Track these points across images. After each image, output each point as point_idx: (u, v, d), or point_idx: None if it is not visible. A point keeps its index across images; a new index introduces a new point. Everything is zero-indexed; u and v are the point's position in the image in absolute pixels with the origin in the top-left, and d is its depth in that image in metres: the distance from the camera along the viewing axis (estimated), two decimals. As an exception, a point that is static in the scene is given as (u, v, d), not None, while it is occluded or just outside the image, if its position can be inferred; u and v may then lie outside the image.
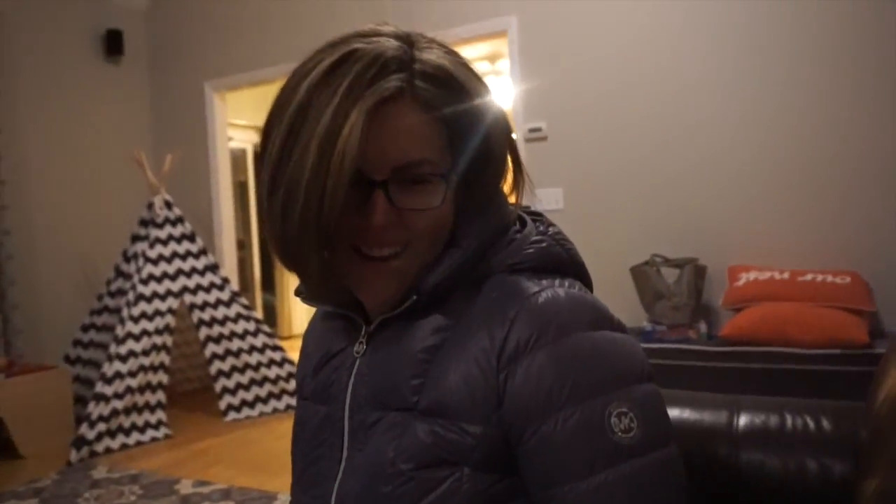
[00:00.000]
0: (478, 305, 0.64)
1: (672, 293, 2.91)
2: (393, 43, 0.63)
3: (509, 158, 0.70)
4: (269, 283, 6.93)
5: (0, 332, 3.90)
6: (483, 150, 0.67)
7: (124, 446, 3.41)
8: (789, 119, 3.00)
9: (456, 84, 0.64)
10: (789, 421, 1.14)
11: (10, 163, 4.07)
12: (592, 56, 3.39)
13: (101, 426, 3.34)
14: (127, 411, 3.48)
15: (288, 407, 3.94)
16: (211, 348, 3.83)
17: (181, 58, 4.83)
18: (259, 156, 0.67)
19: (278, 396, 3.96)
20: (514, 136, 0.70)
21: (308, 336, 0.82)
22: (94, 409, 3.34)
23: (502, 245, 0.67)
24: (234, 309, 3.92)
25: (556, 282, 0.65)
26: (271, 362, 3.95)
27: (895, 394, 0.97)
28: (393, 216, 0.62)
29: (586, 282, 0.70)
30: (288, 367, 3.99)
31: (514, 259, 0.66)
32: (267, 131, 0.65)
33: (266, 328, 4.01)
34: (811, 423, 1.13)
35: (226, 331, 3.86)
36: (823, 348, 2.44)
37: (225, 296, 3.91)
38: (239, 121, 6.28)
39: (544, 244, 0.68)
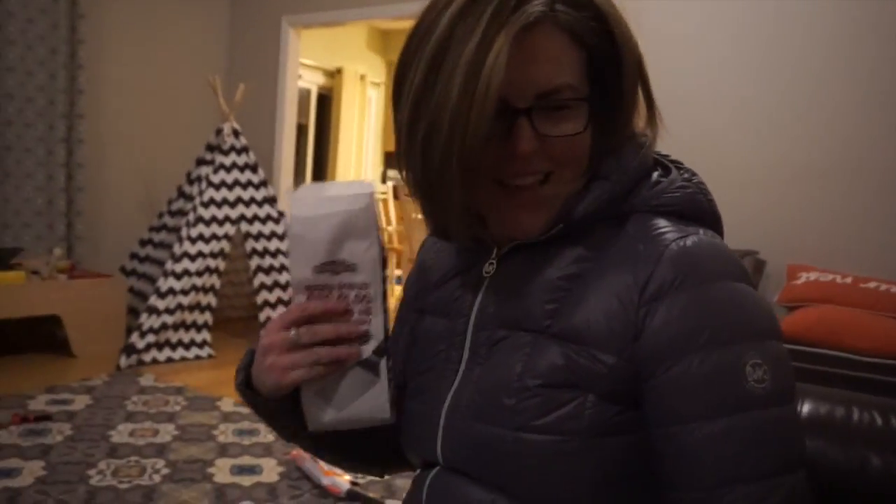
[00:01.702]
0: (621, 241, 0.65)
1: (728, 283, 2.88)
2: None
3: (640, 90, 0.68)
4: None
5: (64, 235, 4.05)
6: (620, 77, 0.66)
7: (170, 360, 3.54)
8: (864, 120, 2.90)
9: (594, 7, 0.63)
10: (856, 414, 1.13)
11: (89, 74, 4.17)
12: (664, 45, 3.32)
13: (151, 338, 3.48)
14: (175, 327, 3.60)
15: (327, 345, 4.03)
16: (260, 278, 3.92)
17: (262, -11, 4.85)
18: (394, 95, 0.67)
19: (319, 334, 4.05)
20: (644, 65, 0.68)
21: (426, 250, 0.84)
22: (146, 321, 3.47)
23: (647, 185, 0.68)
24: (287, 243, 3.99)
25: (701, 230, 0.65)
26: (316, 300, 4.03)
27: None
28: (536, 144, 0.62)
29: (722, 236, 0.70)
30: (331, 307, 4.06)
31: (659, 200, 0.67)
32: (404, 67, 0.64)
33: (315, 266, 4.08)
34: (879, 420, 1.12)
35: (276, 263, 3.95)
36: (879, 357, 2.40)
37: (280, 229, 3.99)
38: (307, 61, 6.31)
39: (690, 190, 0.69)
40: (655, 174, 0.69)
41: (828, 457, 1.11)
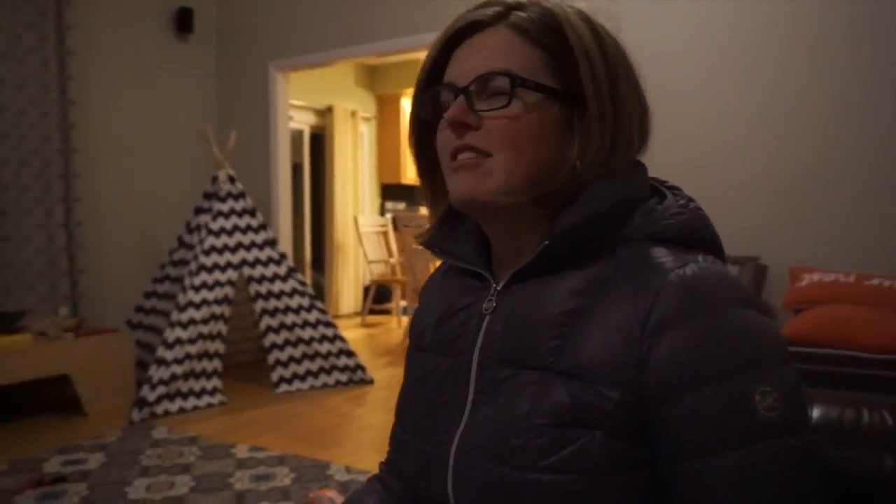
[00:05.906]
0: (619, 273, 0.65)
1: (731, 290, 2.88)
2: None
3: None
4: (318, 264, 7.06)
5: (68, 294, 4.07)
6: (579, 80, 0.67)
7: (182, 410, 3.54)
8: (857, 121, 2.93)
9: (552, 19, 0.68)
10: (866, 416, 1.13)
11: (82, 133, 4.24)
12: (654, 57, 3.36)
13: (161, 389, 3.47)
14: (185, 376, 3.60)
15: (337, 382, 4.03)
16: (266, 321, 3.93)
17: (248, 37, 4.94)
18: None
19: (328, 371, 4.05)
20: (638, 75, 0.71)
21: (428, 289, 0.85)
22: (155, 373, 3.47)
23: (642, 212, 0.67)
24: (290, 284, 4.01)
25: (700, 257, 0.64)
26: (323, 338, 4.04)
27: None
28: (473, 118, 0.67)
29: (723, 261, 0.69)
30: (339, 344, 4.07)
31: (655, 228, 0.66)
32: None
33: (319, 304, 4.09)
34: (889, 419, 1.12)
35: (281, 305, 3.96)
36: (887, 353, 2.39)
37: (282, 271, 4.01)
38: (298, 102, 6.39)
39: (686, 216, 0.68)
40: (652, 201, 0.69)
41: (840, 461, 1.10)
